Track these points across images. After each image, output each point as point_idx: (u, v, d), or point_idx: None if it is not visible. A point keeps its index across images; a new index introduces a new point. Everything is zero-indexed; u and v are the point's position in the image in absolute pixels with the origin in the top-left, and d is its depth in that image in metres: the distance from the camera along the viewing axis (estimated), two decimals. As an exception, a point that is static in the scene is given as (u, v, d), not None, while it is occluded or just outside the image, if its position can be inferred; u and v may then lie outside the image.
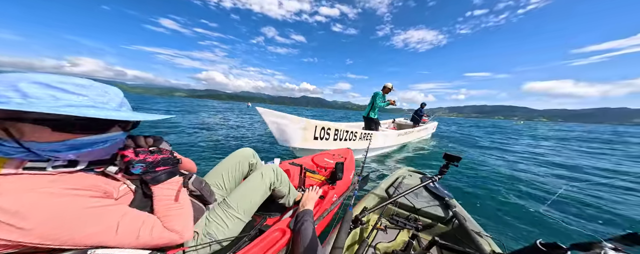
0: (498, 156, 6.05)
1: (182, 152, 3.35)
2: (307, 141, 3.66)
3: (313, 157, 2.30)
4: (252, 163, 1.31)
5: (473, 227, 1.19)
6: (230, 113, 16.45)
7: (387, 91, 5.26)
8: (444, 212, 1.34)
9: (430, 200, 1.46)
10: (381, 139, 5.57)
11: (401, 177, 1.79)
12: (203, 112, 15.10)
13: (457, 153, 1.44)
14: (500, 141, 9.56)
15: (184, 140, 4.83)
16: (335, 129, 4.01)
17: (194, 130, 6.63)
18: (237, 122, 9.59)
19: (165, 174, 0.70)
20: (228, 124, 8.61)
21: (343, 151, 2.77)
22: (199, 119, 9.86)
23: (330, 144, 4.03)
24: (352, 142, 4.50)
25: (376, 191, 1.54)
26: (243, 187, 1.04)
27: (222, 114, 14.59)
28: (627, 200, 2.75)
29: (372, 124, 5.54)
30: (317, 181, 1.76)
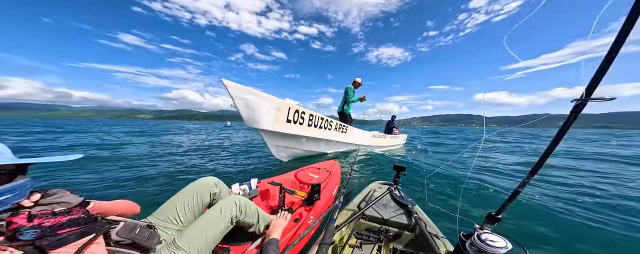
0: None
1: (130, 186, 2.81)
2: (279, 123, 3.48)
3: (296, 172, 2.23)
4: (215, 193, 1.21)
5: (432, 230, 1.31)
6: (201, 133, 14.75)
7: (357, 85, 5.46)
8: (408, 219, 1.41)
9: (397, 209, 1.54)
10: (357, 134, 5.61)
11: (372, 191, 1.86)
12: (168, 134, 13.29)
13: (400, 164, 1.82)
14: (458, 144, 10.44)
15: (134, 171, 3.61)
16: (310, 114, 3.93)
17: (153, 157, 5.08)
18: (209, 143, 8.55)
19: (74, 235, 0.63)
20: (197, 146, 7.21)
21: (329, 163, 2.69)
22: (162, 142, 8.12)
23: (303, 130, 3.89)
24: (327, 132, 4.43)
25: (349, 207, 1.60)
26: (197, 224, 0.95)
27: (192, 135, 13.14)
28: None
29: (347, 119, 5.59)
30: (299, 199, 1.72)
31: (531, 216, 2.16)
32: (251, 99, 3.07)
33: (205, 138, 10.65)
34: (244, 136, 12.34)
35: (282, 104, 3.41)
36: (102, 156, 4.80)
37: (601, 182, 3.36)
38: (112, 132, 12.65)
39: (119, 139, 8.65)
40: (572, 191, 2.95)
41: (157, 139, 9.31)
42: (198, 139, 9.71)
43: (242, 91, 2.96)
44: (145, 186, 2.85)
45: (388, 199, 1.67)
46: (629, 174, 3.98)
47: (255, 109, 3.17)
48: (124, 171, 3.63)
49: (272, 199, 1.67)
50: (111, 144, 6.87)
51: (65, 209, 0.68)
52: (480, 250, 0.81)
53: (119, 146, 6.51)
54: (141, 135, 11.52)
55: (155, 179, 3.15)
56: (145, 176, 3.28)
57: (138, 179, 3.13)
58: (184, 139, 9.92)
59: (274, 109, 3.35)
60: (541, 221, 2.06)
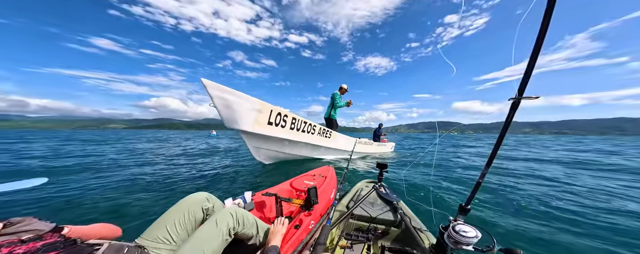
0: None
1: (107, 207, 2.45)
2: (259, 125, 3.41)
3: (291, 181, 2.21)
4: (207, 208, 1.14)
5: (416, 224, 1.36)
6: (181, 143, 13.39)
7: (343, 91, 5.60)
8: (394, 216, 1.46)
9: (383, 207, 1.59)
10: (342, 140, 5.62)
11: (359, 190, 1.88)
12: (140, 143, 12.34)
13: (383, 162, 1.95)
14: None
15: (109, 188, 3.19)
16: (292, 117, 3.90)
17: (127, 170, 4.42)
18: (192, 153, 7.95)
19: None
20: (181, 158, 6.78)
21: (324, 169, 2.70)
22: (134, 153, 7.41)
23: (284, 133, 3.83)
24: (309, 136, 4.39)
25: (338, 208, 1.62)
26: (193, 240, 0.90)
27: (169, 144, 11.85)
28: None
29: (333, 125, 5.64)
30: (296, 207, 1.70)
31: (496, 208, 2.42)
32: (231, 99, 3.01)
33: (185, 148, 9.98)
34: (229, 145, 11.81)
35: (263, 106, 3.36)
36: (69, 170, 4.29)
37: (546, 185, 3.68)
38: (73, 144, 11.47)
39: (84, 152, 7.85)
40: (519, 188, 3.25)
41: (124, 148, 8.60)
42: (177, 150, 9.04)
43: (221, 90, 2.90)
44: (124, 207, 2.54)
45: (375, 197, 1.72)
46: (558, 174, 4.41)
47: (235, 110, 3.10)
48: (95, 187, 3.21)
49: (268, 210, 1.63)
50: (75, 157, 6.21)
51: (34, 236, 0.63)
52: (456, 241, 0.89)
53: (87, 160, 5.84)
54: (105, 144, 10.61)
55: (132, 197, 2.78)
56: (120, 194, 2.92)
57: (114, 199, 2.78)
58: (161, 150, 9.16)
59: (254, 111, 3.29)
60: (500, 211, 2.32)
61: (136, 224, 2.04)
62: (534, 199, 2.76)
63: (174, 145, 12.12)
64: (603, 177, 4.08)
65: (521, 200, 2.72)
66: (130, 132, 47.73)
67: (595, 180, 3.86)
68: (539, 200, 2.73)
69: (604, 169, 4.95)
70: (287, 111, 3.78)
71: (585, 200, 2.74)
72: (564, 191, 3.15)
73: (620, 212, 2.34)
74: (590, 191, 3.12)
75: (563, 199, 2.80)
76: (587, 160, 6.47)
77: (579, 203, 2.63)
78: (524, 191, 3.10)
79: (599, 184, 3.55)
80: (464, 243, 0.87)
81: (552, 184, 3.54)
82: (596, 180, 3.86)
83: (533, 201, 2.71)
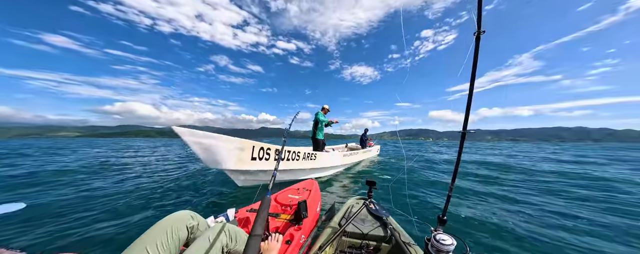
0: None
1: (60, 231, 2.22)
2: (243, 162, 3.31)
3: (276, 196, 2.16)
4: (192, 226, 1.06)
5: (405, 239, 1.40)
6: (150, 153, 12.25)
7: (325, 111, 5.68)
8: (384, 231, 1.49)
9: (374, 223, 1.61)
10: (327, 159, 5.67)
11: (350, 207, 1.89)
12: (103, 152, 11.18)
13: (372, 179, 2.02)
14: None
15: (70, 208, 2.99)
16: (276, 149, 3.84)
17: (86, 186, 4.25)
18: (167, 163, 7.50)
19: None
20: (152, 168, 6.45)
21: (307, 183, 2.66)
22: (96, 166, 6.75)
23: (270, 165, 3.78)
24: (295, 163, 4.36)
25: (330, 225, 1.61)
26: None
27: (131, 153, 11.38)
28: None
29: (319, 145, 5.68)
30: (282, 222, 1.67)
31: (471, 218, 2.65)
32: (208, 143, 2.87)
33: (151, 158, 9.16)
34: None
35: (244, 144, 3.28)
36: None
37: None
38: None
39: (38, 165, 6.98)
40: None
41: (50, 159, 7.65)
42: (142, 162, 8.29)
43: (197, 136, 2.75)
44: (91, 229, 2.37)
45: (365, 214, 1.75)
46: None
47: (215, 152, 2.97)
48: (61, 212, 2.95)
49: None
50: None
51: None
52: (438, 249, 0.98)
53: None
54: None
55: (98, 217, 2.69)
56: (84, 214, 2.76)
57: (78, 220, 2.60)
58: (121, 160, 8.34)
59: (235, 150, 3.18)
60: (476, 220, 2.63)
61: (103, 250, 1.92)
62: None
63: (138, 154, 11.05)
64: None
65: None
66: (89, 141, 42.19)
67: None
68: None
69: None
70: (270, 144, 3.73)
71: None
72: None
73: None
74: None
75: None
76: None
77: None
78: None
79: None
80: (444, 251, 0.97)
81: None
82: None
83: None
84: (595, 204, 3.43)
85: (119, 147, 17.87)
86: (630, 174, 5.96)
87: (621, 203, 3.45)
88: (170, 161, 8.46)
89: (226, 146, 3.04)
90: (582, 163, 8.65)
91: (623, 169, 7.10)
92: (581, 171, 6.35)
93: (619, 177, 5.29)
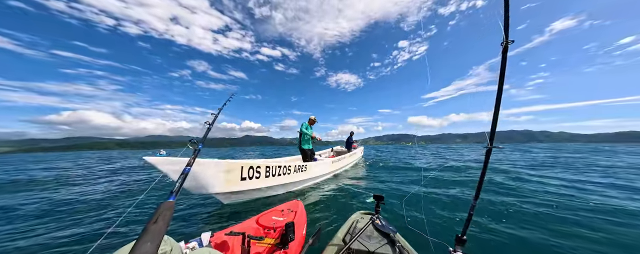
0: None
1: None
2: (232, 184, 3.01)
3: (258, 218, 2.03)
4: (164, 252, 0.95)
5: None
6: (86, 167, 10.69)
7: (312, 122, 5.59)
8: (392, 249, 1.40)
9: (380, 239, 1.52)
10: (317, 168, 5.56)
11: (355, 222, 1.80)
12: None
13: (379, 194, 1.92)
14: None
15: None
16: (266, 166, 3.59)
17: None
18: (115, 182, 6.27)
19: None
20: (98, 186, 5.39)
21: (292, 204, 2.52)
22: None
23: (262, 182, 3.53)
24: (287, 177, 4.15)
25: (334, 241, 1.51)
26: None
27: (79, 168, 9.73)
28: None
29: (308, 156, 5.56)
30: (266, 247, 1.56)
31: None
32: (193, 170, 2.52)
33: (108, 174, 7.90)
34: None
35: (231, 166, 2.99)
36: None
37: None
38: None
39: None
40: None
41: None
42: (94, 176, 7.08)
43: (175, 163, 2.38)
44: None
45: (371, 230, 1.66)
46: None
47: (199, 178, 2.64)
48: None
49: (231, 252, 1.46)
50: None
51: None
52: None
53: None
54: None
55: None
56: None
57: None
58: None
59: (222, 172, 2.87)
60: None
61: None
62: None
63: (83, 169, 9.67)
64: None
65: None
66: (22, 157, 34.62)
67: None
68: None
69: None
70: (259, 161, 3.48)
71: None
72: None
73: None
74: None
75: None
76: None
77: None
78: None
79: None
80: None
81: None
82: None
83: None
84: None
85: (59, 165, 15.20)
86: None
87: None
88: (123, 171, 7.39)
89: (210, 170, 2.72)
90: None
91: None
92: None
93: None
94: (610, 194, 3.90)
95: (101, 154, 30.18)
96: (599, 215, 2.86)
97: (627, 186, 4.56)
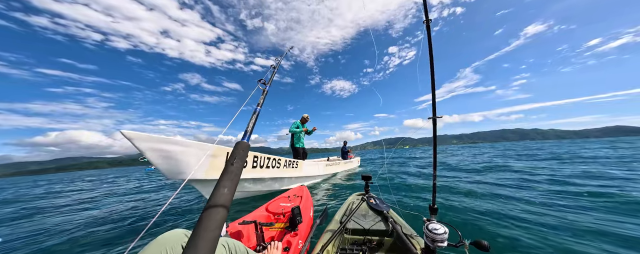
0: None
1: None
2: (215, 171, 2.88)
3: (267, 206, 2.14)
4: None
5: (407, 231, 1.38)
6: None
7: (304, 121, 5.60)
8: (386, 225, 1.47)
9: (375, 217, 1.60)
10: (310, 167, 5.42)
11: (351, 204, 1.86)
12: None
13: (367, 174, 2.05)
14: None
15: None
16: (254, 156, 3.49)
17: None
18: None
19: None
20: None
21: (297, 189, 2.66)
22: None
23: (248, 172, 3.40)
24: (276, 170, 4.02)
25: (331, 224, 1.59)
26: None
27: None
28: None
29: (299, 154, 5.47)
30: (277, 231, 1.68)
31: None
32: (172, 150, 2.42)
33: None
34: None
35: (219, 150, 2.89)
36: None
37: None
38: None
39: None
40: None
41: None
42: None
43: (155, 141, 2.28)
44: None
45: (366, 209, 1.73)
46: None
47: (180, 160, 2.51)
48: None
49: (247, 239, 1.58)
50: None
51: None
52: (433, 239, 0.97)
53: None
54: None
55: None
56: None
57: None
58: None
59: (208, 157, 2.77)
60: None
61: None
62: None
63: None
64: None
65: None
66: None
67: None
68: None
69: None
70: (252, 152, 3.39)
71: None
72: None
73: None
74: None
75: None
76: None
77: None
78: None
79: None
80: (438, 240, 0.95)
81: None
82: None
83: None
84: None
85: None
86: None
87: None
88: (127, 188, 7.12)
89: (194, 151, 2.60)
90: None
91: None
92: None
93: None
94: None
95: (100, 173, 29.47)
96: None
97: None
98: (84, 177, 20.10)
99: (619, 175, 4.34)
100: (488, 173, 5.59)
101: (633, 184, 3.55)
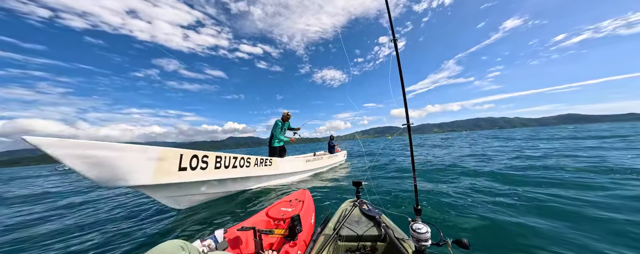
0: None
1: None
2: (165, 174, 2.50)
3: (268, 210, 2.09)
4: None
5: (399, 235, 1.38)
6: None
7: (285, 119, 5.21)
8: (378, 230, 1.48)
9: (368, 223, 1.59)
10: (286, 164, 5.15)
11: (344, 211, 1.85)
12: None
13: (357, 180, 2.04)
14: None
15: None
16: (216, 156, 3.13)
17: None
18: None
19: None
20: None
21: (299, 193, 2.60)
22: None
23: (207, 174, 3.05)
24: (244, 170, 3.71)
25: (326, 231, 1.56)
26: None
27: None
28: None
29: (276, 153, 5.15)
30: (276, 238, 1.64)
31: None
32: (102, 155, 2.00)
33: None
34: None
35: (167, 153, 2.50)
36: None
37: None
38: None
39: None
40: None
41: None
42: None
43: (76, 147, 1.84)
44: None
45: (359, 215, 1.73)
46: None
47: (116, 166, 2.10)
48: None
49: (245, 246, 1.54)
50: None
51: None
52: (418, 239, 0.99)
53: None
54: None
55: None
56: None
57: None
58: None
59: (152, 160, 2.37)
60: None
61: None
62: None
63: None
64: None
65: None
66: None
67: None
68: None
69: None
70: (207, 152, 3.02)
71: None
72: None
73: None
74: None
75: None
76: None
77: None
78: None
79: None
80: (422, 239, 0.98)
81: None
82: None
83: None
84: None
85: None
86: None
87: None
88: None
89: (134, 155, 2.21)
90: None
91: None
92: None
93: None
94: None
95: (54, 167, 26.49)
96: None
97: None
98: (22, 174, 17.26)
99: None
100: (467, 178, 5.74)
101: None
